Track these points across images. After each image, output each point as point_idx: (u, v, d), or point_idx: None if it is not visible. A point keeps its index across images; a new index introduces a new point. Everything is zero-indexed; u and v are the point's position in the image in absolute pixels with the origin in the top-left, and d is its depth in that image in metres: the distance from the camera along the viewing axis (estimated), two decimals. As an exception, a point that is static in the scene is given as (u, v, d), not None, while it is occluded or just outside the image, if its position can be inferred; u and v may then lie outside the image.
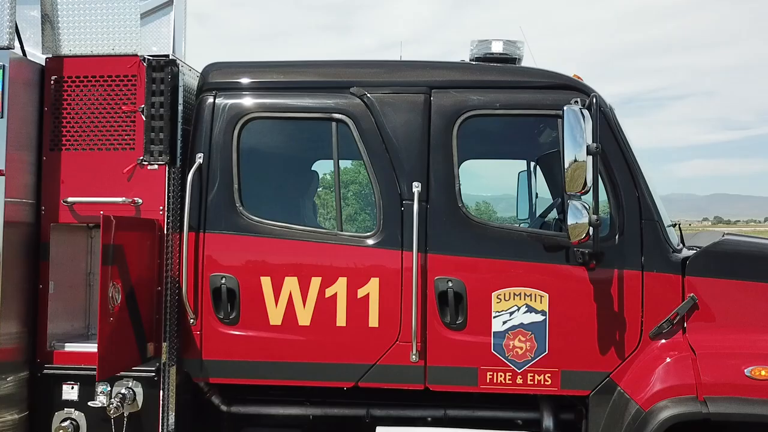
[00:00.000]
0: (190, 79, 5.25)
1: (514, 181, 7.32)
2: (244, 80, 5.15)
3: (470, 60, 5.27)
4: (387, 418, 5.06)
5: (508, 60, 5.16)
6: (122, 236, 4.62)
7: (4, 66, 4.85)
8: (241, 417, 5.28)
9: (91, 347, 5.09)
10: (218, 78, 5.15)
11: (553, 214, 5.69)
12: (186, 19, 5.33)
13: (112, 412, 4.87)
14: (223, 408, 5.25)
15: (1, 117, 4.84)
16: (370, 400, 5.10)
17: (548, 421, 4.91)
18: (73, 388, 5.05)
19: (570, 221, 4.27)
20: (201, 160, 4.99)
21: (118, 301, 4.55)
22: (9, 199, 4.88)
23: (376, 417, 5.09)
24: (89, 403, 5.00)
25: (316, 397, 5.21)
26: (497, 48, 5.11)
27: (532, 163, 6.56)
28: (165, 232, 5.01)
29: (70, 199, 5.07)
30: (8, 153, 4.87)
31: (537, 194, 6.67)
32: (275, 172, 5.58)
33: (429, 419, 4.98)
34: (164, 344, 5.00)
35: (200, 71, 5.28)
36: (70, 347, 5.14)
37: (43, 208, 5.13)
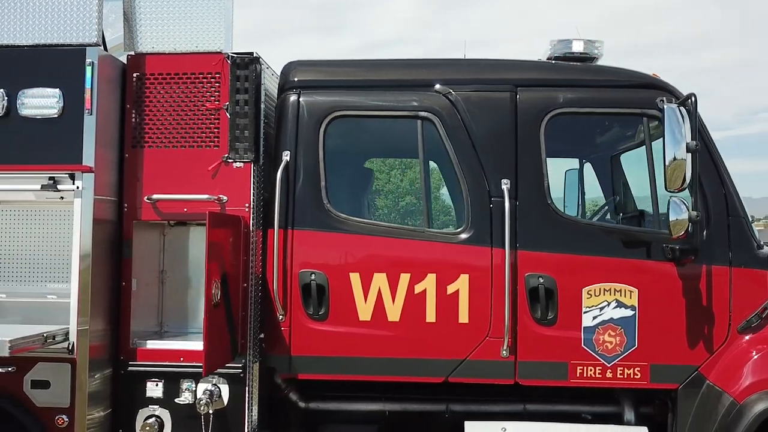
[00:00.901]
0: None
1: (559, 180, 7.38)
2: (329, 78, 5.19)
3: (548, 59, 5.33)
4: (465, 414, 5.10)
5: (587, 59, 5.23)
6: (219, 233, 4.64)
7: (93, 63, 4.85)
8: (318, 413, 5.30)
9: (175, 344, 5.15)
10: (302, 76, 5.17)
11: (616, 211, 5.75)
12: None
13: (202, 408, 4.87)
14: (301, 405, 5.27)
15: (90, 114, 4.84)
16: (449, 396, 5.15)
17: (629, 415, 4.98)
18: (157, 385, 5.04)
19: (672, 217, 4.34)
20: (288, 158, 5.01)
21: (218, 298, 4.56)
22: (97, 197, 4.88)
23: (455, 412, 5.14)
24: (176, 400, 4.99)
25: (390, 393, 5.25)
26: (578, 47, 5.18)
27: (586, 162, 6.62)
28: (250, 229, 5.03)
29: (154, 197, 5.07)
30: (97, 150, 4.87)
31: (584, 192, 6.74)
32: (359, 169, 5.61)
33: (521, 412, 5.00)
34: (249, 341, 5.02)
35: (281, 70, 5.31)
36: (153, 344, 5.14)
37: (126, 205, 5.13)
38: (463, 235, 4.88)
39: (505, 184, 4.82)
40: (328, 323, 4.92)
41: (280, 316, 4.95)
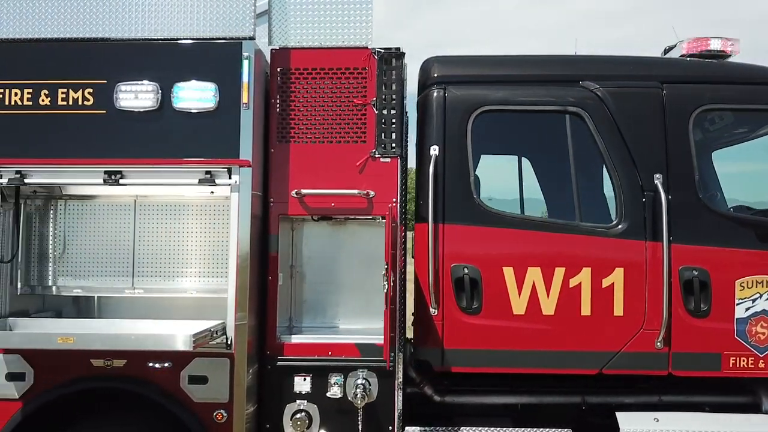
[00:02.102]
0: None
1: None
2: (474, 73, 5.23)
3: (681, 56, 5.42)
4: (602, 406, 5.18)
5: (723, 56, 5.33)
6: (395, 228, 4.65)
7: (249, 57, 4.83)
8: (452, 406, 5.33)
9: (322, 339, 5.15)
10: (446, 71, 5.20)
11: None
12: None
13: (359, 402, 4.88)
14: (436, 398, 5.29)
15: (247, 108, 4.83)
16: (585, 388, 5.21)
17: None
18: (305, 379, 5.04)
19: None
20: (437, 153, 5.04)
21: (392, 291, 4.59)
22: (254, 192, 4.88)
23: (592, 404, 5.21)
24: (327, 395, 5.00)
25: (521, 385, 5.30)
26: (715, 45, 5.28)
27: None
28: (398, 223, 5.05)
29: (303, 191, 5.07)
30: (254, 144, 4.86)
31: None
32: (505, 163, 5.66)
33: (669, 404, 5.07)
34: (397, 335, 5.04)
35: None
36: (299, 339, 5.14)
37: (272, 199, 5.12)
38: (618, 229, 4.95)
39: (658, 179, 4.90)
40: (481, 317, 4.96)
41: (433, 310, 4.97)
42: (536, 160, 5.78)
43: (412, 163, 5.42)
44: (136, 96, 4.81)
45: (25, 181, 4.85)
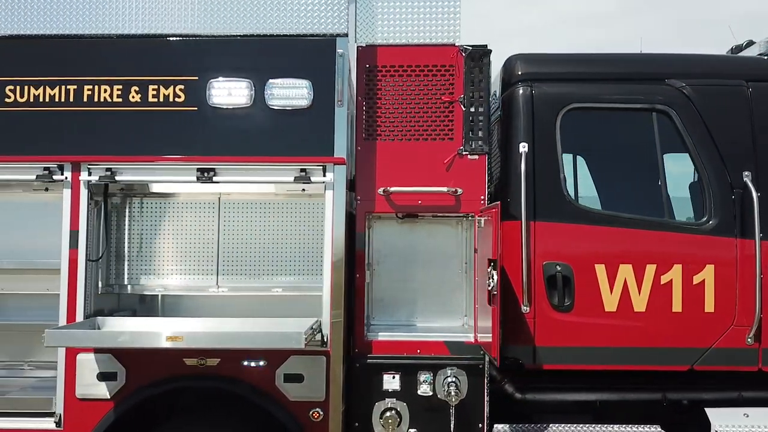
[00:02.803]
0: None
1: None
2: (561, 70, 5.24)
3: (759, 54, 5.48)
4: (683, 402, 5.20)
5: (801, 54, 5.39)
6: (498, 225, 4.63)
7: (344, 54, 4.82)
8: (533, 403, 5.34)
9: (410, 336, 5.13)
10: (531, 69, 5.20)
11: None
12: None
13: (453, 399, 4.89)
14: (517, 396, 5.29)
15: (341, 105, 4.81)
16: (665, 384, 5.24)
17: None
18: (394, 377, 5.02)
19: None
20: (526, 150, 5.04)
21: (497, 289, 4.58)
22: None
23: (672, 401, 5.23)
24: (418, 393, 4.98)
25: (600, 382, 5.31)
26: (793, 44, 5.34)
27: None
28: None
29: (391, 189, 5.06)
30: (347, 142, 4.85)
31: None
32: (595, 160, 5.68)
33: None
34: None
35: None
36: (386, 336, 5.11)
37: (358, 197, 5.10)
38: (708, 226, 4.98)
39: (747, 176, 4.94)
40: (573, 314, 4.97)
41: (525, 308, 4.97)
42: (616, 157, 5.79)
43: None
44: (230, 93, 4.78)
45: (116, 178, 4.81)
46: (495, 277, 4.47)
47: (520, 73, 5.22)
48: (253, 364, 4.71)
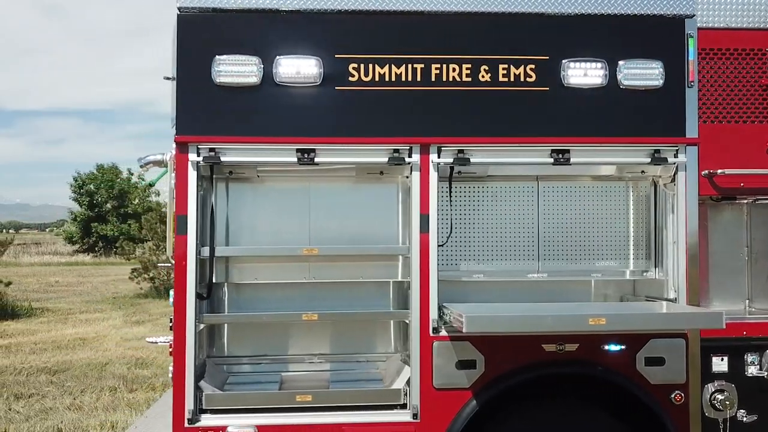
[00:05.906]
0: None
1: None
2: None
3: None
4: None
5: None
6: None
7: (693, 35, 4.79)
8: None
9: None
10: None
11: None
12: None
13: (795, 380, 4.92)
14: None
15: (691, 86, 4.79)
16: None
17: None
18: (722, 359, 5.03)
19: None
20: None
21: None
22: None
23: None
24: (746, 374, 4.99)
25: None
26: None
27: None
28: None
29: (718, 171, 5.08)
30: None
31: None
32: None
33: None
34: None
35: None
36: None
37: (683, 180, 5.08)
38: None
39: None
40: None
41: None
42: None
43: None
44: (585, 73, 4.69)
45: (471, 160, 4.66)
46: None
47: None
48: (616, 348, 4.64)
